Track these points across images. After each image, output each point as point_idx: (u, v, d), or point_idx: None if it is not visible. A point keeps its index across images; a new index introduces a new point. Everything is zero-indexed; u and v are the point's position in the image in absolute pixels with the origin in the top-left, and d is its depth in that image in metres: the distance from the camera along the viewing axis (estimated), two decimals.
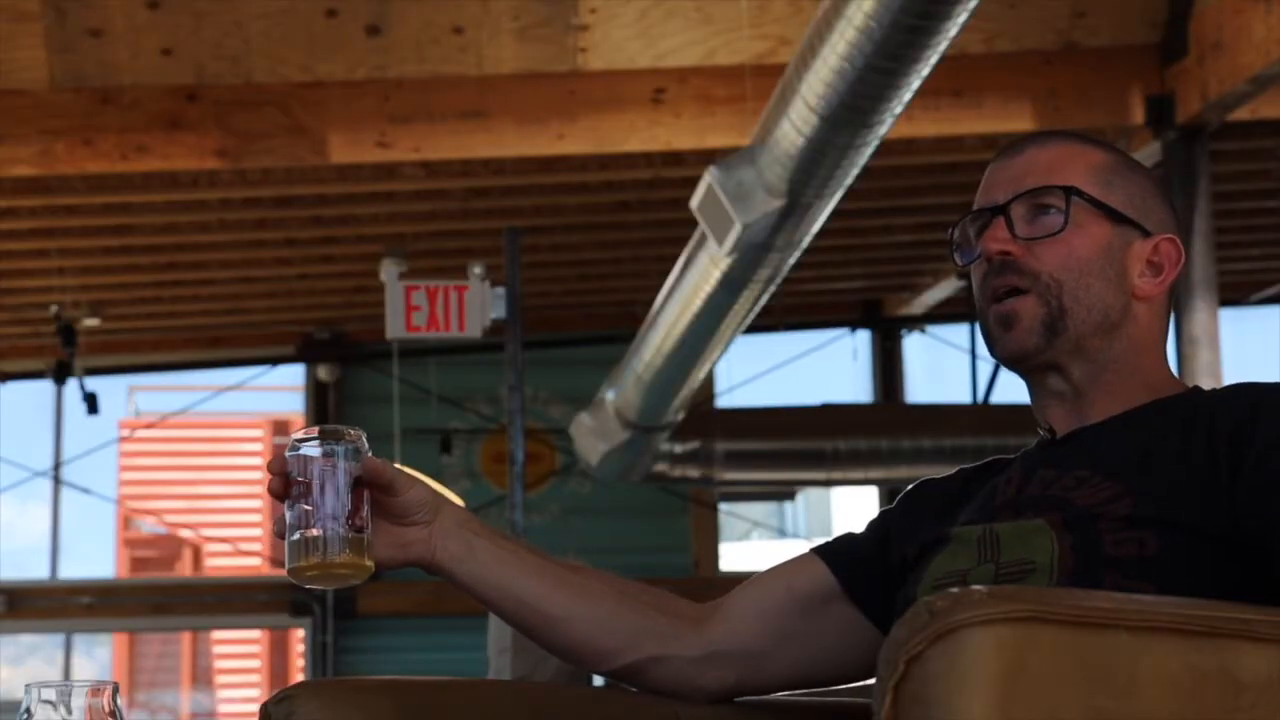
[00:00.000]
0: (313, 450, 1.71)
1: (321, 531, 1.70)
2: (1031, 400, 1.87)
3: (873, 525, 1.94)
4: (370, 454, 1.74)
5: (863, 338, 11.83)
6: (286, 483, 1.71)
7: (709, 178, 5.78)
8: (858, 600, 1.87)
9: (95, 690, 1.55)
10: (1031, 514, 1.74)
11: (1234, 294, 10.00)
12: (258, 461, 15.38)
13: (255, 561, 14.23)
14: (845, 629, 1.87)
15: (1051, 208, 1.80)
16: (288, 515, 1.71)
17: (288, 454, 1.72)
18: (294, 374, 11.84)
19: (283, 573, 1.74)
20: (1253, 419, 1.67)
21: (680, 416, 8.64)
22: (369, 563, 1.72)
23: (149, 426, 13.96)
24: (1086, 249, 1.80)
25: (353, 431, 1.73)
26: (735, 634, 1.86)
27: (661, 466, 9.26)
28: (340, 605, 11.08)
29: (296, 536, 1.70)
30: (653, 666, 1.84)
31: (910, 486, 1.94)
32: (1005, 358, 1.82)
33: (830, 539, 1.95)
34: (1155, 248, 1.83)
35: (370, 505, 1.74)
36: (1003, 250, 1.80)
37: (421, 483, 1.81)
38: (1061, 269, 1.79)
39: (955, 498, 1.88)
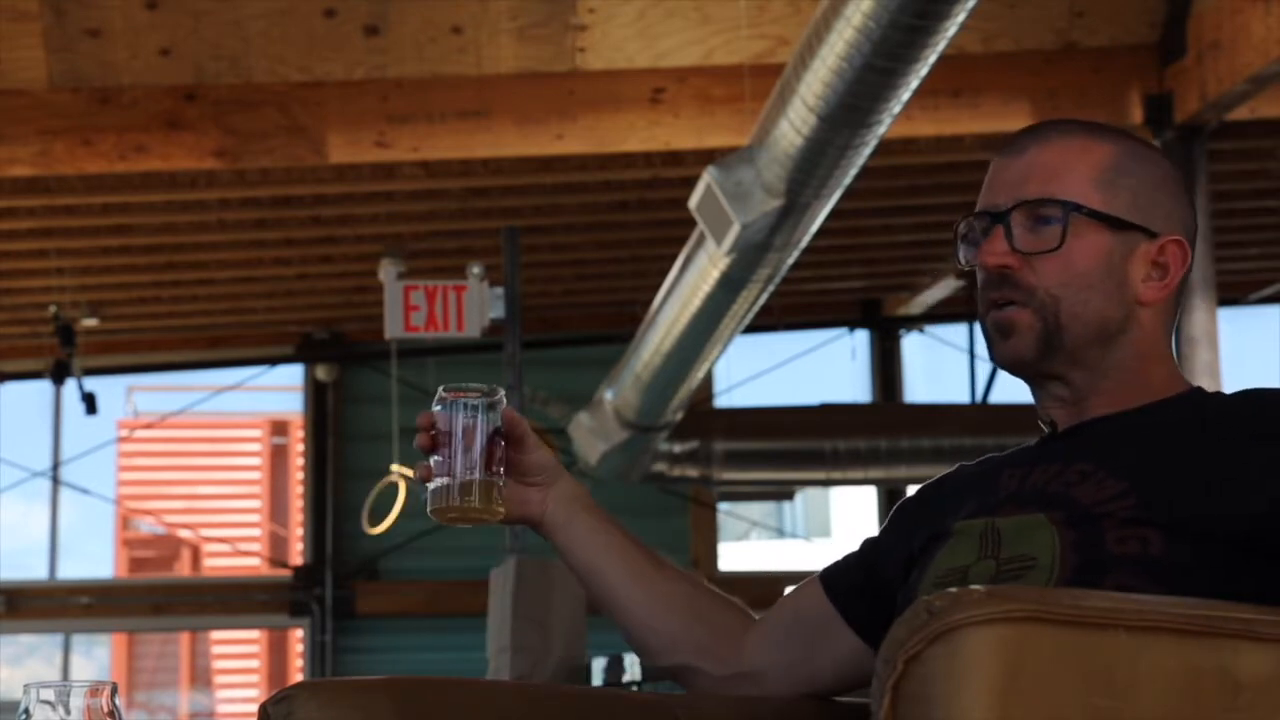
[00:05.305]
0: (457, 404, 1.87)
1: (461, 478, 1.86)
2: (1034, 399, 1.87)
3: (864, 547, 1.97)
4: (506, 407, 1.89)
5: (861, 337, 11.82)
6: (434, 439, 1.86)
7: (708, 177, 5.78)
8: (854, 624, 1.92)
9: (94, 690, 1.54)
10: (1033, 508, 1.73)
11: (1233, 293, 10.00)
12: (257, 461, 15.37)
13: (254, 562, 14.21)
14: (844, 650, 1.92)
15: (1050, 219, 1.77)
16: (432, 463, 1.87)
17: (434, 408, 1.88)
18: (293, 374, 11.82)
19: (281, 572, 1.77)
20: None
21: (679, 416, 8.64)
22: (500, 508, 1.89)
23: (148, 427, 13.94)
24: (1085, 262, 1.77)
25: (493, 388, 1.89)
26: (755, 660, 1.96)
27: (660, 466, 9.27)
28: (339, 605, 11.05)
29: (438, 483, 1.87)
30: (686, 674, 1.97)
31: (899, 502, 1.97)
32: (1003, 364, 1.82)
33: (834, 561, 2.00)
34: (1161, 249, 1.80)
35: (504, 457, 1.89)
36: (1000, 265, 1.78)
37: (547, 449, 1.98)
38: (1059, 284, 1.77)
39: (961, 490, 1.87)
